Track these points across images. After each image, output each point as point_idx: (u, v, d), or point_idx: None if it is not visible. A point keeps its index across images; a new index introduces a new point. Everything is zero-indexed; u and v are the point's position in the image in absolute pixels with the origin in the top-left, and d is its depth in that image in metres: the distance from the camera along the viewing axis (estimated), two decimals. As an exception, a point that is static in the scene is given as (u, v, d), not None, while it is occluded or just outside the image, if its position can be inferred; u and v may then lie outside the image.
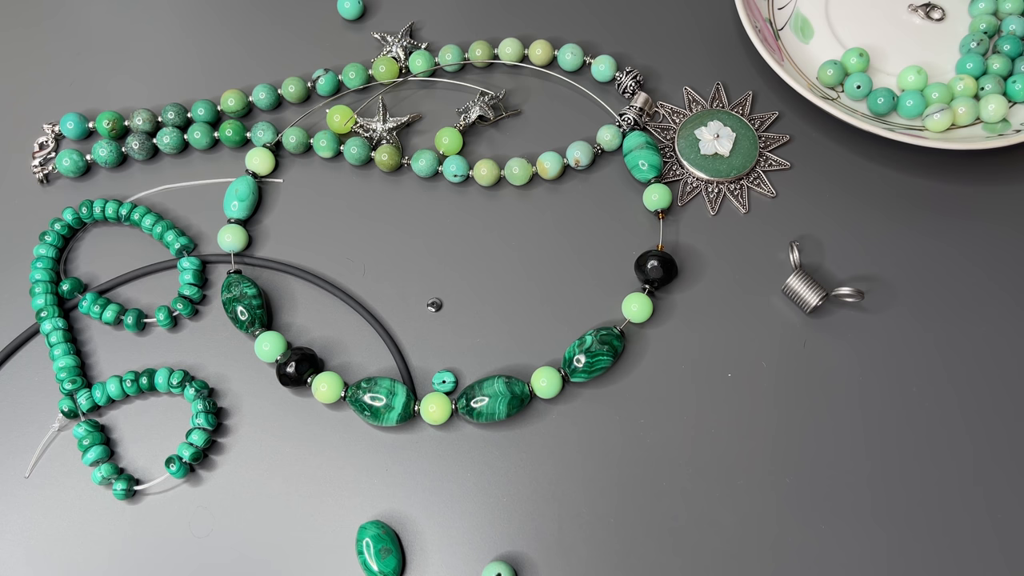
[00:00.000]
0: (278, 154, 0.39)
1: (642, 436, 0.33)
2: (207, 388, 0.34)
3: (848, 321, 0.35)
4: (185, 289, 0.35)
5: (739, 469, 0.33)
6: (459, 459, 0.33)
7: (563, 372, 0.34)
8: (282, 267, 0.36)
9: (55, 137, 0.39)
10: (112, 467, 0.32)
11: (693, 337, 0.35)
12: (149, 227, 0.36)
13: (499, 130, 0.40)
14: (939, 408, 0.34)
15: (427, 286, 0.36)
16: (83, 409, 0.33)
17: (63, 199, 0.38)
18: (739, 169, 0.38)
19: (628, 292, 0.36)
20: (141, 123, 0.39)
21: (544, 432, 0.33)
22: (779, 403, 0.34)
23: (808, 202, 0.38)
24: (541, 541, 0.31)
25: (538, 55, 0.41)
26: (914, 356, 0.35)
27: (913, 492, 0.32)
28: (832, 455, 0.33)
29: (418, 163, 0.38)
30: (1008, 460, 0.33)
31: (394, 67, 0.40)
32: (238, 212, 0.37)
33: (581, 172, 0.39)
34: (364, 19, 0.43)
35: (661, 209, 0.37)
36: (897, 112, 0.40)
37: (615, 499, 0.32)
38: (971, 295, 0.36)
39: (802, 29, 0.43)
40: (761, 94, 0.41)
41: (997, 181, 0.38)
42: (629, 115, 0.39)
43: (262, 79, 0.41)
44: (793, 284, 0.35)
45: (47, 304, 0.35)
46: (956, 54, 0.42)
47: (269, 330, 0.35)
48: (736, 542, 0.31)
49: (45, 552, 0.32)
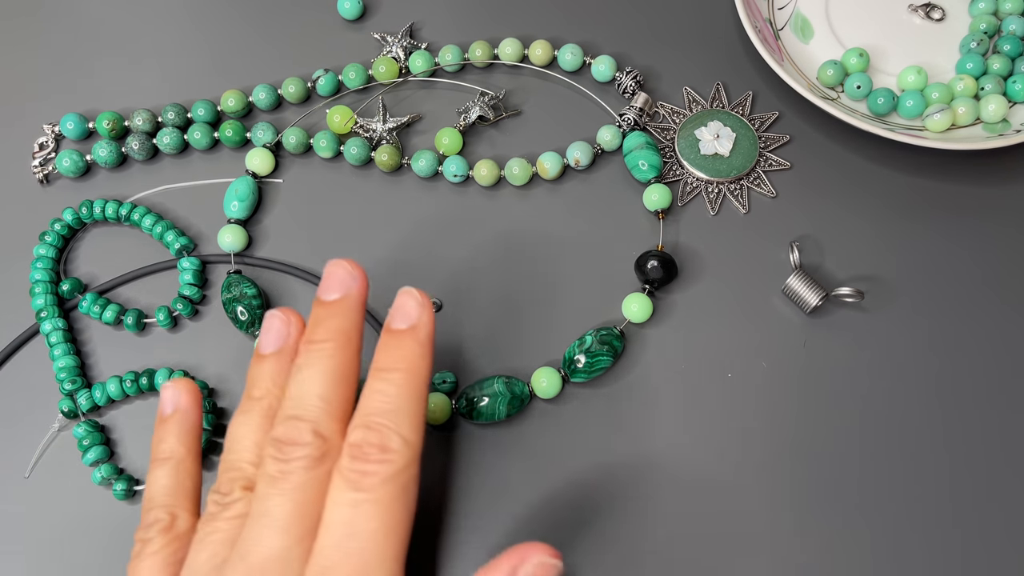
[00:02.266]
0: (278, 154, 0.39)
1: (642, 436, 0.33)
2: (207, 388, 0.34)
3: (848, 321, 0.35)
4: (185, 289, 0.35)
5: (739, 469, 0.33)
6: (459, 459, 0.33)
7: (563, 372, 0.34)
8: (282, 267, 0.36)
9: (55, 137, 0.39)
10: (112, 467, 0.32)
11: (693, 337, 0.35)
12: (149, 227, 0.37)
13: (499, 130, 0.40)
14: (939, 408, 0.34)
15: (427, 286, 0.36)
16: (83, 409, 0.33)
17: (63, 199, 0.38)
18: (739, 169, 0.38)
19: (628, 292, 0.36)
20: (141, 123, 0.39)
21: (544, 432, 0.33)
22: (779, 403, 0.34)
23: (808, 202, 0.38)
24: (541, 541, 0.31)
25: (538, 55, 0.41)
26: (914, 356, 0.35)
27: (913, 492, 0.32)
28: (832, 455, 0.33)
29: (418, 163, 0.38)
30: (1008, 460, 0.33)
31: (394, 67, 0.40)
32: (238, 212, 0.37)
33: (581, 172, 0.39)
34: (364, 19, 0.43)
35: (661, 209, 0.37)
36: (897, 112, 0.40)
37: (615, 499, 0.32)
38: (971, 295, 0.36)
39: (802, 29, 0.43)
40: (761, 94, 0.41)
41: (997, 181, 0.38)
42: (629, 115, 0.39)
43: (262, 79, 0.41)
44: (793, 284, 0.35)
45: (47, 304, 0.35)
46: (956, 54, 0.42)
47: (269, 330, 0.35)
48: (736, 542, 0.31)
49: (45, 552, 0.32)
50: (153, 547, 0.26)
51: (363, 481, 0.24)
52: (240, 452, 0.26)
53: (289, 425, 0.25)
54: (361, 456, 0.24)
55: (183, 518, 0.26)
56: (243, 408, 0.27)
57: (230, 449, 0.27)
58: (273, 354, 0.28)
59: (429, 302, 0.27)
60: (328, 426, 0.25)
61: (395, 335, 0.27)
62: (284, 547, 0.23)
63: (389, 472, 0.24)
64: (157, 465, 0.27)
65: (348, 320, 0.27)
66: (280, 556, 0.23)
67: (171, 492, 0.27)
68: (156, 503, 0.27)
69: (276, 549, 0.23)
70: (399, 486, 0.24)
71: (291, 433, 0.25)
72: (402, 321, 0.27)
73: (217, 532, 0.25)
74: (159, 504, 0.26)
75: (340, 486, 0.24)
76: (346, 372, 0.26)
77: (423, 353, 0.26)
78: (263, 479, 0.25)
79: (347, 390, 0.26)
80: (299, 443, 0.25)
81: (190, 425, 0.28)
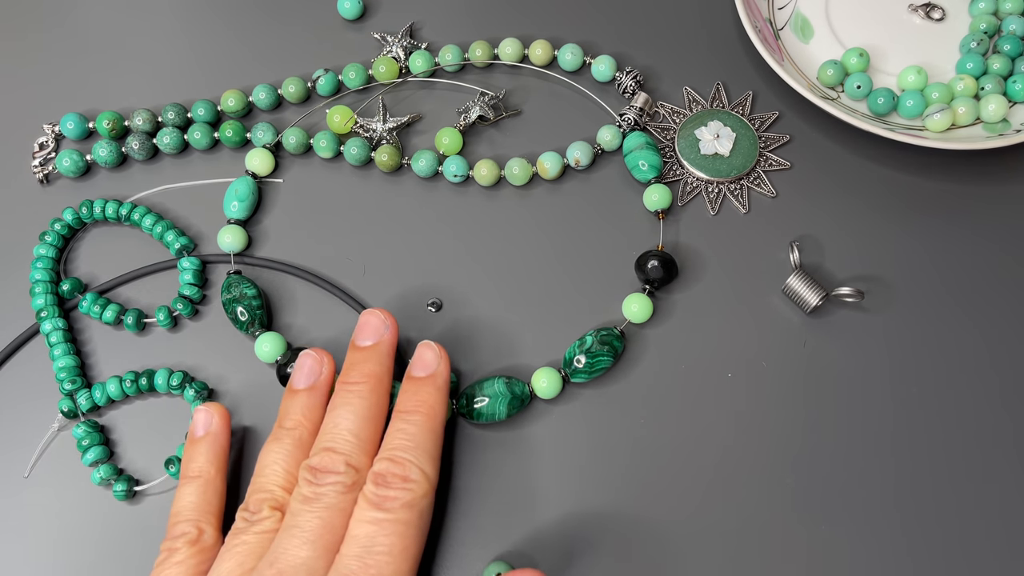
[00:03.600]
0: (278, 154, 0.39)
1: (642, 436, 0.33)
2: (207, 389, 0.34)
3: (848, 321, 0.35)
4: (185, 289, 0.35)
5: (739, 469, 0.33)
6: (459, 459, 0.33)
7: (563, 372, 0.34)
8: (282, 267, 0.36)
9: (55, 137, 0.39)
10: (112, 468, 0.32)
11: (693, 337, 0.35)
12: (149, 227, 0.37)
13: (499, 130, 0.40)
14: (939, 408, 0.34)
15: (427, 286, 0.36)
16: (83, 409, 0.33)
17: (63, 199, 0.38)
18: (739, 169, 0.38)
19: (628, 292, 0.36)
20: (141, 123, 0.39)
21: (544, 432, 0.33)
22: (779, 403, 0.34)
23: (808, 202, 0.38)
24: (541, 541, 0.31)
25: (538, 55, 0.41)
26: (914, 356, 0.35)
27: (913, 492, 0.32)
28: (833, 455, 0.33)
29: (418, 163, 0.38)
30: (1008, 460, 0.33)
31: (394, 67, 0.40)
32: (238, 212, 0.37)
33: (581, 172, 0.39)
34: (364, 19, 0.43)
35: (661, 209, 0.37)
36: (897, 112, 0.40)
37: (615, 499, 0.32)
38: (971, 295, 0.36)
39: (802, 29, 0.43)
40: (761, 94, 0.41)
41: (997, 181, 0.38)
42: (629, 115, 0.39)
43: (262, 79, 0.41)
44: (793, 284, 0.35)
45: (47, 304, 0.35)
46: (956, 54, 0.42)
47: (269, 331, 0.35)
48: (736, 542, 0.31)
49: (45, 552, 0.32)
50: (179, 556, 0.28)
51: (385, 503, 0.27)
52: (270, 476, 0.29)
53: (324, 456, 0.28)
54: (384, 483, 0.27)
55: (209, 533, 0.29)
56: (275, 436, 0.30)
57: (260, 473, 0.29)
58: (305, 390, 0.31)
59: (445, 354, 0.31)
60: (359, 459, 0.28)
61: (415, 382, 0.31)
62: (311, 557, 0.26)
63: (408, 498, 0.27)
64: (187, 482, 0.30)
65: (380, 365, 0.31)
66: (306, 564, 0.26)
67: (199, 508, 0.29)
68: (184, 517, 0.29)
69: (303, 558, 0.26)
70: (416, 512, 0.27)
71: (326, 462, 0.28)
72: (422, 370, 0.31)
73: (244, 544, 0.27)
74: (186, 518, 0.29)
75: (364, 506, 0.27)
76: (376, 412, 0.30)
77: (440, 398, 0.30)
78: (296, 499, 0.28)
79: (376, 428, 0.30)
80: (333, 472, 0.28)
81: (220, 447, 0.31)
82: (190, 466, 0.30)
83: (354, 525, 0.27)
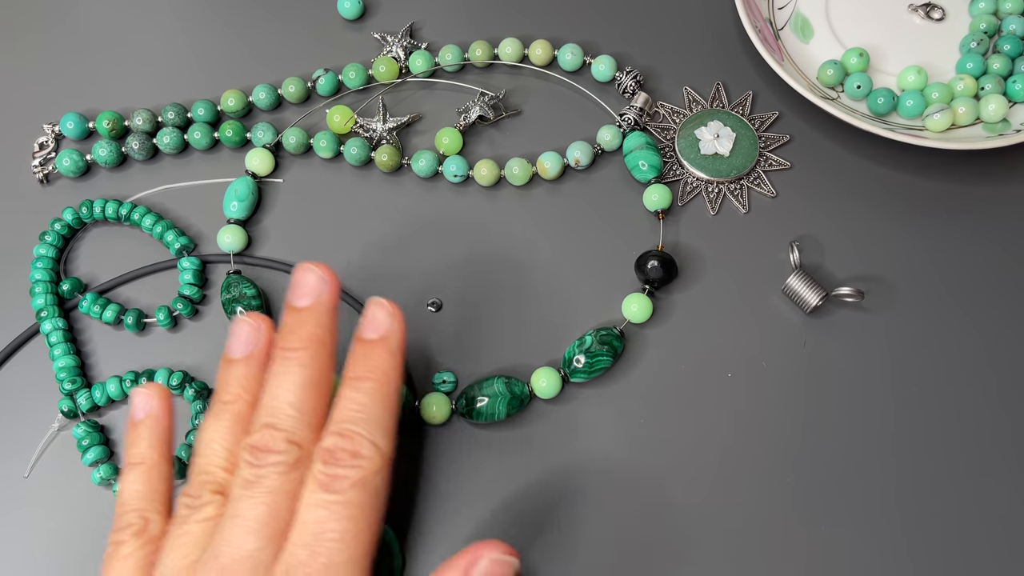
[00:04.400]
0: (278, 154, 0.39)
1: (642, 436, 0.33)
2: (207, 389, 0.34)
3: (848, 321, 0.35)
4: (185, 289, 0.35)
5: (740, 469, 0.33)
6: (459, 459, 0.33)
7: (563, 372, 0.34)
8: (282, 267, 0.36)
9: (55, 137, 0.39)
10: (112, 467, 0.32)
11: (693, 337, 0.35)
12: (149, 227, 0.37)
13: (499, 130, 0.40)
14: (939, 408, 0.34)
15: (427, 286, 0.36)
16: (83, 409, 0.33)
17: (63, 199, 0.38)
18: (739, 169, 0.38)
19: (628, 292, 0.36)
20: (141, 123, 0.39)
21: (544, 432, 0.33)
22: (779, 403, 0.34)
23: (808, 202, 0.38)
24: (541, 541, 0.31)
25: (538, 55, 0.41)
26: (914, 356, 0.35)
27: (913, 492, 0.32)
28: (833, 455, 0.33)
29: (418, 163, 0.38)
30: (1008, 460, 0.33)
31: (394, 67, 0.40)
32: (238, 212, 0.37)
33: (581, 172, 0.39)
34: (364, 19, 0.43)
35: (661, 209, 0.37)
36: (897, 112, 0.40)
37: (615, 499, 0.32)
38: (971, 295, 0.36)
39: (802, 29, 0.43)
40: (761, 94, 0.41)
41: (997, 181, 0.38)
42: (629, 115, 0.39)
43: (262, 79, 0.41)
44: (793, 284, 0.35)
45: (47, 304, 0.35)
46: (956, 54, 0.42)
47: (269, 330, 0.35)
48: (737, 542, 0.31)
49: (45, 552, 0.32)
50: (127, 549, 0.26)
51: (334, 484, 0.25)
52: (210, 456, 0.27)
53: (264, 433, 0.26)
54: (333, 461, 0.25)
55: (156, 521, 0.27)
56: (213, 412, 0.28)
57: (200, 453, 0.27)
58: (242, 358, 0.28)
59: (399, 312, 0.28)
60: (302, 434, 0.26)
61: (366, 344, 0.28)
62: (256, 547, 0.24)
63: (359, 476, 0.25)
64: (129, 469, 0.28)
65: (320, 326, 0.27)
66: (251, 556, 0.24)
67: (144, 496, 0.27)
68: (129, 507, 0.27)
69: (248, 549, 0.24)
70: (369, 490, 0.25)
71: (266, 441, 0.25)
72: (373, 331, 0.28)
73: (187, 535, 0.25)
74: (131, 508, 0.27)
75: (312, 488, 0.25)
76: (320, 380, 0.27)
77: (393, 363, 0.27)
78: (237, 483, 0.25)
79: (321, 398, 0.27)
80: (274, 451, 0.25)
81: (161, 430, 0.28)
82: (132, 452, 0.28)
83: (302, 509, 0.25)
